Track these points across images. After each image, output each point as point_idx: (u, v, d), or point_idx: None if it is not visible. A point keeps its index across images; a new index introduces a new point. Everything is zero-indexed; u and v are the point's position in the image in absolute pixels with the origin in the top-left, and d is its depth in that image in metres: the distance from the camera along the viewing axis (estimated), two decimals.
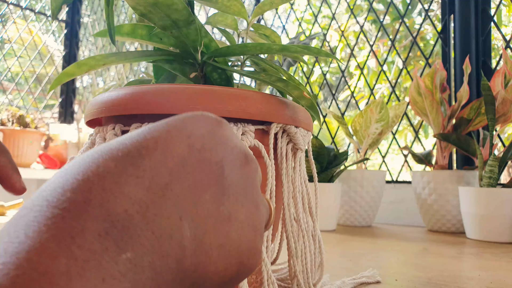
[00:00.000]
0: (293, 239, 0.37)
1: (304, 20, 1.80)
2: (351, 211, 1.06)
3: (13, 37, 2.18)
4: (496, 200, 0.82)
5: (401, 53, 3.32)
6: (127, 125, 0.34)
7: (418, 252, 0.69)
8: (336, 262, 0.59)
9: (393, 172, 1.27)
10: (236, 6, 0.41)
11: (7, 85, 2.67)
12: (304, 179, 0.40)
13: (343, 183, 1.06)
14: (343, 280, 0.45)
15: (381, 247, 0.74)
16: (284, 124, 0.36)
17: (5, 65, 2.19)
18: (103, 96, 0.35)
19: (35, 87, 3.06)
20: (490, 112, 0.86)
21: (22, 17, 2.13)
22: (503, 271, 0.55)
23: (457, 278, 0.51)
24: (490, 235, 0.83)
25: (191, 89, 0.32)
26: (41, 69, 2.25)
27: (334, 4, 1.57)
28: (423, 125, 2.79)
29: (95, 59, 0.34)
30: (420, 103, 1.01)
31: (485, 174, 0.86)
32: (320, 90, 1.85)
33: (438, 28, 1.20)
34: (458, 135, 0.97)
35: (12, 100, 2.16)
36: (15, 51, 2.21)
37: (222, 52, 0.39)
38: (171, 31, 0.36)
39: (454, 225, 0.98)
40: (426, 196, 1.00)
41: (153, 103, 0.32)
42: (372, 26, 3.79)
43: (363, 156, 1.07)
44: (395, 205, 1.20)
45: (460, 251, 0.71)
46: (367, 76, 3.54)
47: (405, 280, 0.48)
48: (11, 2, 2.01)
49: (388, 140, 1.31)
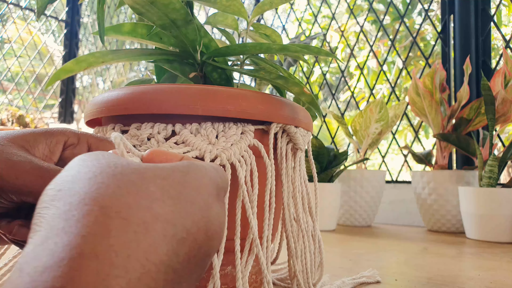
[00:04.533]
0: (293, 239, 0.37)
1: (304, 20, 1.80)
2: (351, 211, 1.06)
3: (13, 37, 2.18)
4: (496, 200, 0.82)
5: (401, 53, 3.32)
6: (127, 125, 0.34)
7: (418, 252, 0.69)
8: (336, 262, 0.59)
9: (393, 172, 1.27)
10: (236, 6, 0.41)
11: (7, 85, 2.67)
12: (304, 179, 0.40)
13: (343, 183, 1.06)
14: (343, 280, 0.45)
15: (381, 247, 0.74)
16: (284, 124, 0.36)
17: (5, 65, 2.19)
18: (103, 96, 0.35)
19: (34, 87, 3.05)
20: (490, 112, 0.86)
21: (22, 17, 2.13)
22: (503, 271, 0.55)
23: (457, 278, 0.51)
24: (490, 235, 0.83)
25: (191, 89, 0.32)
26: (41, 69, 2.25)
27: (334, 4, 1.57)
28: (423, 125, 2.79)
29: (95, 56, 0.34)
30: (419, 103, 1.01)
31: (485, 174, 0.86)
32: (320, 90, 1.85)
33: (438, 28, 1.20)
34: (458, 135, 0.97)
35: (12, 100, 2.16)
36: (15, 51, 2.21)
37: (222, 52, 0.39)
38: (170, 30, 0.36)
39: (454, 225, 0.98)
40: (426, 196, 1.00)
41: (153, 103, 0.32)
42: (372, 26, 3.79)
43: (363, 156, 1.07)
44: (395, 205, 1.20)
45: (460, 251, 0.71)
46: (367, 76, 3.54)
47: (405, 280, 0.48)
48: (11, 2, 2.01)
49: (388, 140, 1.31)
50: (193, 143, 0.31)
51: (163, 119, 0.33)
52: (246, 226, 0.33)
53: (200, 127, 0.33)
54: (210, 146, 0.32)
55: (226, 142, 0.32)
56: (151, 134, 0.32)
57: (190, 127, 0.33)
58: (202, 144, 0.31)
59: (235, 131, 0.33)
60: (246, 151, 0.33)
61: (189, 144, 0.31)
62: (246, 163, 0.33)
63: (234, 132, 0.33)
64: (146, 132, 0.32)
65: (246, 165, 0.33)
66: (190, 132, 0.32)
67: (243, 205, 0.33)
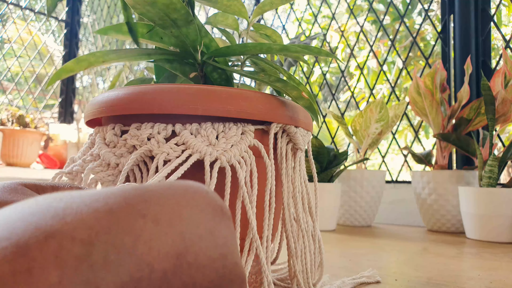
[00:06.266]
0: (293, 239, 0.37)
1: (304, 20, 1.80)
2: (351, 211, 1.06)
3: (13, 37, 2.18)
4: (496, 200, 0.82)
5: (401, 53, 3.32)
6: (127, 125, 0.34)
7: (418, 252, 0.69)
8: (336, 262, 0.59)
9: (393, 172, 1.27)
10: (236, 6, 0.41)
11: (7, 85, 2.67)
12: (304, 179, 0.40)
13: (343, 183, 1.06)
14: (343, 280, 0.45)
15: (381, 247, 0.74)
16: (284, 124, 0.36)
17: (5, 65, 2.19)
18: (103, 96, 0.35)
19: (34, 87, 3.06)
20: (490, 112, 0.86)
21: (22, 17, 2.13)
22: (502, 271, 0.55)
23: (457, 278, 0.51)
24: (490, 235, 0.83)
25: (191, 89, 0.32)
26: (41, 69, 2.24)
27: (334, 4, 1.57)
28: (423, 125, 2.79)
29: (95, 56, 0.34)
30: (419, 103, 1.01)
31: (485, 174, 0.86)
32: (320, 90, 1.85)
33: (438, 28, 1.20)
34: (458, 135, 0.97)
35: (12, 100, 2.16)
36: (15, 51, 2.21)
37: (222, 52, 0.39)
38: (171, 30, 0.36)
39: (454, 225, 0.98)
40: (426, 196, 1.00)
41: (153, 103, 0.32)
42: (372, 26, 3.79)
43: (363, 156, 1.07)
44: (395, 205, 1.20)
45: (459, 251, 0.71)
46: (367, 76, 3.54)
47: (405, 280, 0.48)
48: (11, 2, 2.01)
49: (388, 140, 1.31)
50: (193, 145, 0.31)
51: (163, 119, 0.33)
52: (246, 226, 0.33)
53: (200, 128, 0.33)
54: (210, 148, 0.32)
55: (226, 143, 0.32)
56: (151, 134, 0.32)
57: (190, 127, 0.33)
58: (202, 146, 0.31)
59: (235, 132, 0.33)
60: (246, 151, 0.33)
61: (190, 146, 0.32)
62: (246, 163, 0.33)
63: (234, 133, 0.33)
64: (146, 132, 0.32)
65: (246, 165, 0.33)
66: (190, 132, 0.32)
67: (243, 205, 0.33)
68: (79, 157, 0.37)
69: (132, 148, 0.33)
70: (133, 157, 0.32)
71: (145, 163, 0.33)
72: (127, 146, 0.33)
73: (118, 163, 0.33)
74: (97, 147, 0.35)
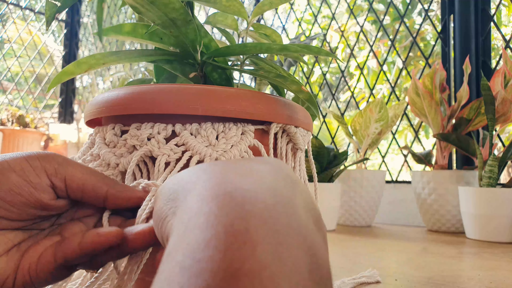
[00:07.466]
0: None
1: (304, 20, 1.80)
2: (351, 211, 1.06)
3: (13, 37, 2.18)
4: (496, 200, 0.82)
5: (401, 53, 3.32)
6: (127, 125, 0.34)
7: (418, 252, 0.69)
8: (336, 262, 0.59)
9: (393, 172, 1.27)
10: (235, 6, 0.41)
11: (7, 85, 2.67)
12: (304, 179, 0.40)
13: (343, 183, 1.06)
14: (342, 280, 0.45)
15: (381, 247, 0.74)
16: (284, 124, 0.36)
17: (5, 65, 2.19)
18: (103, 96, 0.35)
19: (34, 87, 3.06)
20: (489, 112, 0.86)
21: (22, 17, 2.13)
22: (503, 271, 0.55)
23: (457, 278, 0.51)
24: (490, 235, 0.83)
25: (191, 89, 0.32)
26: (41, 69, 2.25)
27: (334, 4, 1.57)
28: (423, 125, 2.79)
29: (95, 58, 0.34)
30: (418, 103, 1.01)
31: (484, 174, 0.86)
32: (320, 90, 1.85)
33: (438, 28, 1.20)
34: (457, 135, 0.97)
35: (12, 100, 2.16)
36: (15, 51, 2.21)
37: (222, 52, 0.39)
38: (170, 30, 0.36)
39: (454, 225, 0.98)
40: (426, 196, 1.00)
41: (153, 103, 0.32)
42: (372, 26, 3.79)
43: (363, 156, 1.07)
44: (395, 205, 1.20)
45: (459, 251, 0.71)
46: (367, 76, 3.54)
47: (405, 280, 0.48)
48: (11, 2, 2.01)
49: (388, 140, 1.31)
50: (193, 146, 0.31)
51: (163, 119, 0.33)
52: None
53: (200, 128, 0.33)
54: (210, 149, 0.32)
55: (226, 144, 0.32)
56: (151, 134, 0.32)
57: (190, 127, 0.33)
58: (202, 148, 0.31)
59: (235, 132, 0.33)
60: (246, 151, 0.33)
61: (190, 147, 0.32)
62: None
63: (234, 133, 0.33)
64: (146, 132, 0.32)
65: None
66: (190, 133, 0.32)
67: None
68: (79, 157, 0.37)
69: (132, 148, 0.33)
70: (134, 158, 0.32)
71: (145, 162, 0.33)
72: (127, 146, 0.33)
73: (118, 163, 0.33)
74: (97, 147, 0.35)
